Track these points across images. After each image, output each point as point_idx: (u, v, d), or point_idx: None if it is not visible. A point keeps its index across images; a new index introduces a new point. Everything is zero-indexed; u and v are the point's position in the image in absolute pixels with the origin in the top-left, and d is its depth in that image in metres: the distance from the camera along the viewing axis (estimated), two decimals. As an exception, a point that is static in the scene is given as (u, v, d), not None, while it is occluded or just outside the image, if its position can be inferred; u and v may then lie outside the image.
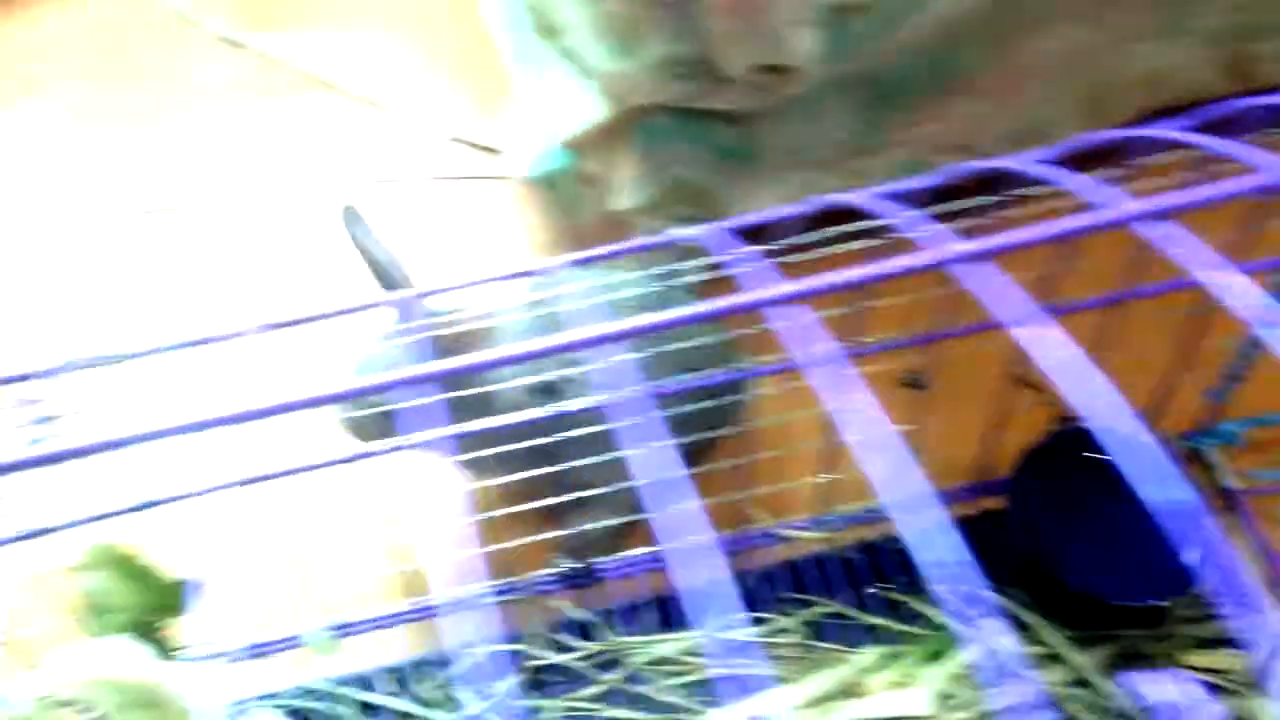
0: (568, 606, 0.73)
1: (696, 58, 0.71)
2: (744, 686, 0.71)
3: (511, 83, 1.04)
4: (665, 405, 0.66)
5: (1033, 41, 0.79)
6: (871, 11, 0.68)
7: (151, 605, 0.43)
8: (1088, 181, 0.40)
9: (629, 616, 0.73)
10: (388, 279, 0.66)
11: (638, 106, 0.78)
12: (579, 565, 0.74)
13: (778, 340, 0.37)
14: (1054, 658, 0.68)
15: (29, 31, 1.12)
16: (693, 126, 0.78)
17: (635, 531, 0.75)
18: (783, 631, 0.72)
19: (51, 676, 0.40)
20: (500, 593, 0.74)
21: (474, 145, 1.03)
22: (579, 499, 0.68)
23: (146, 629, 0.43)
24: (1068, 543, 0.67)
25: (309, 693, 0.70)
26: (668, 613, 0.73)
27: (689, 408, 0.68)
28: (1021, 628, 0.68)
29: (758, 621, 0.73)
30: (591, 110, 0.80)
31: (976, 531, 0.73)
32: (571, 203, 0.87)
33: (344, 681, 0.71)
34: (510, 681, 0.70)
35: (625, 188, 0.82)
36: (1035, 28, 0.79)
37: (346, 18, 1.12)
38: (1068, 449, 0.68)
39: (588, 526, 0.73)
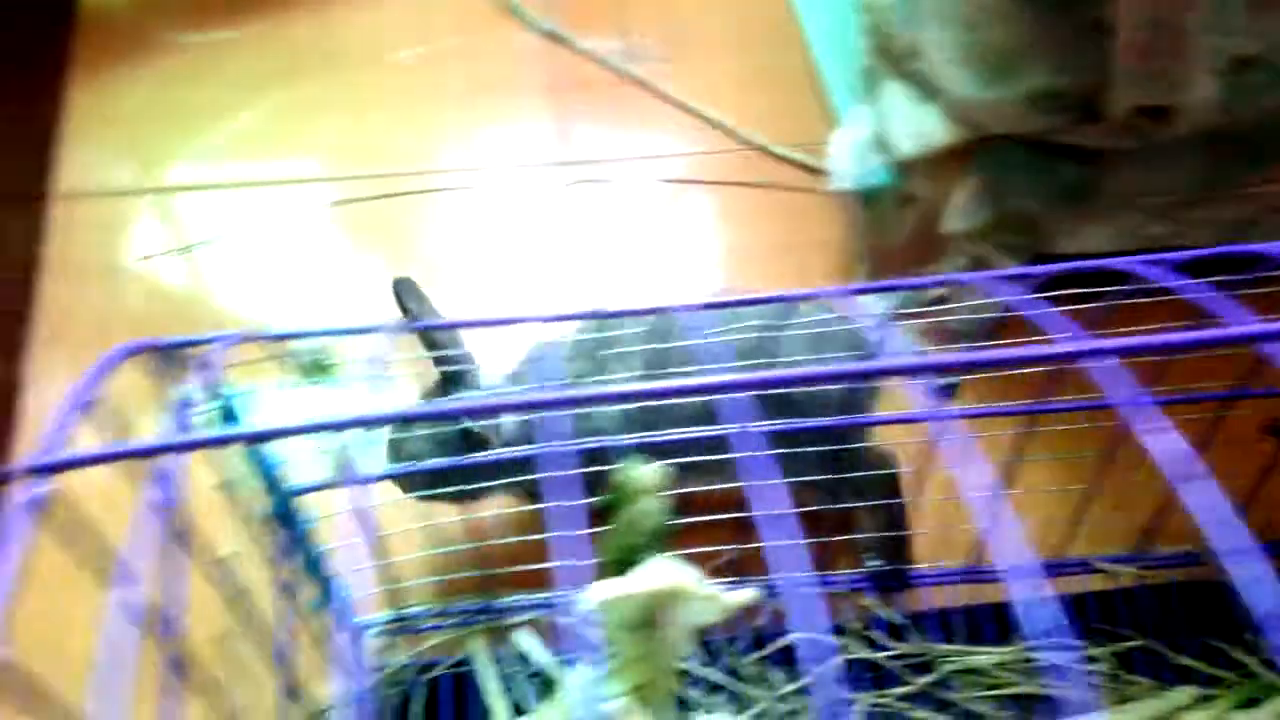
0: (878, 606, 0.75)
1: (1074, 92, 0.74)
2: (1060, 708, 0.72)
3: (826, 98, 1.08)
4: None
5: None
6: (1266, 65, 0.69)
7: (660, 531, 0.47)
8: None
9: (937, 623, 0.75)
10: (435, 343, 0.71)
11: (987, 134, 0.80)
12: (888, 567, 0.76)
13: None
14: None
15: (364, 15, 1.19)
16: (1039, 159, 0.80)
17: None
18: (1092, 660, 0.73)
19: (616, 587, 0.44)
20: (815, 584, 0.76)
21: (783, 158, 1.06)
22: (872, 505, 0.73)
23: (651, 553, 0.47)
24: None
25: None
26: (977, 625, 0.75)
27: None
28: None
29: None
30: (934, 133, 0.83)
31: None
32: (887, 220, 0.90)
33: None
34: (832, 667, 0.72)
35: (957, 212, 0.84)
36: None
37: (668, 24, 1.17)
38: None
39: (874, 534, 0.76)
